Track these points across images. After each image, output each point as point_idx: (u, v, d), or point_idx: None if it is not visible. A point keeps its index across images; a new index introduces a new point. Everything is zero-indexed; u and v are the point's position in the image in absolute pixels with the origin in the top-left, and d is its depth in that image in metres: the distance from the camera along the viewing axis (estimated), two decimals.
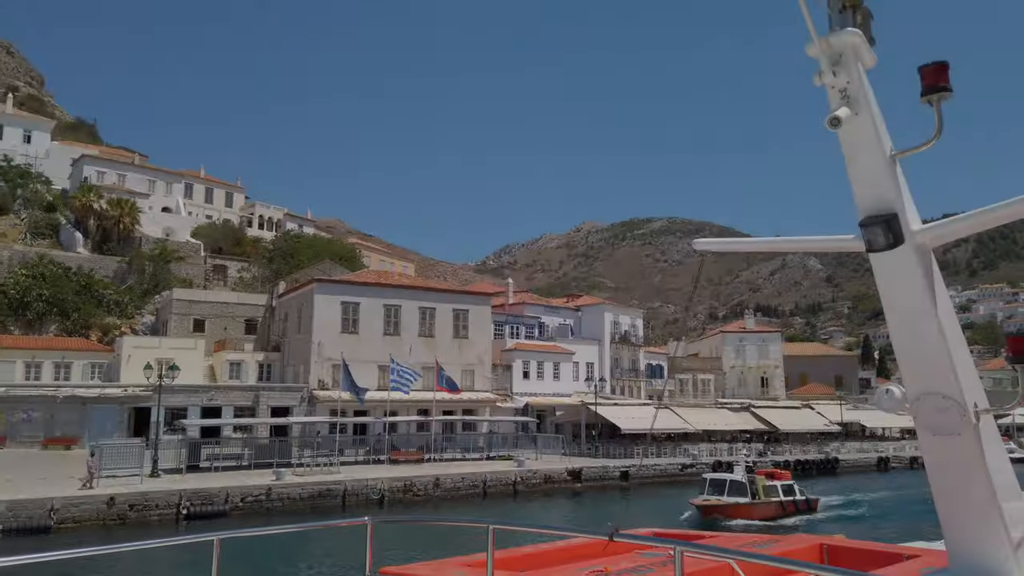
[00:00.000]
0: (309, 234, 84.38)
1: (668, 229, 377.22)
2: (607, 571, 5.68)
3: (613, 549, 6.27)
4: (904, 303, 4.77)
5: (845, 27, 4.51)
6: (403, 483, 37.35)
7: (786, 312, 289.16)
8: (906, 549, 7.30)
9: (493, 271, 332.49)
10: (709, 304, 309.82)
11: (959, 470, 4.79)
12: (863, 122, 4.54)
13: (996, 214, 4.59)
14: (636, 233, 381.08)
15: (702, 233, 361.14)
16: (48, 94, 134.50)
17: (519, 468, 41.49)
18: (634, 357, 70.01)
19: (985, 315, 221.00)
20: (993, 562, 4.79)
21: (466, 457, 46.04)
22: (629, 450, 49.76)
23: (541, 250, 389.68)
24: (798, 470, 51.94)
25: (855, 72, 4.51)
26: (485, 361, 56.14)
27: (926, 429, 4.81)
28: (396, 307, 52.91)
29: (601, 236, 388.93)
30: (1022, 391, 4.81)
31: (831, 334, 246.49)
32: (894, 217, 4.58)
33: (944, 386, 4.67)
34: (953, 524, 4.94)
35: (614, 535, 4.77)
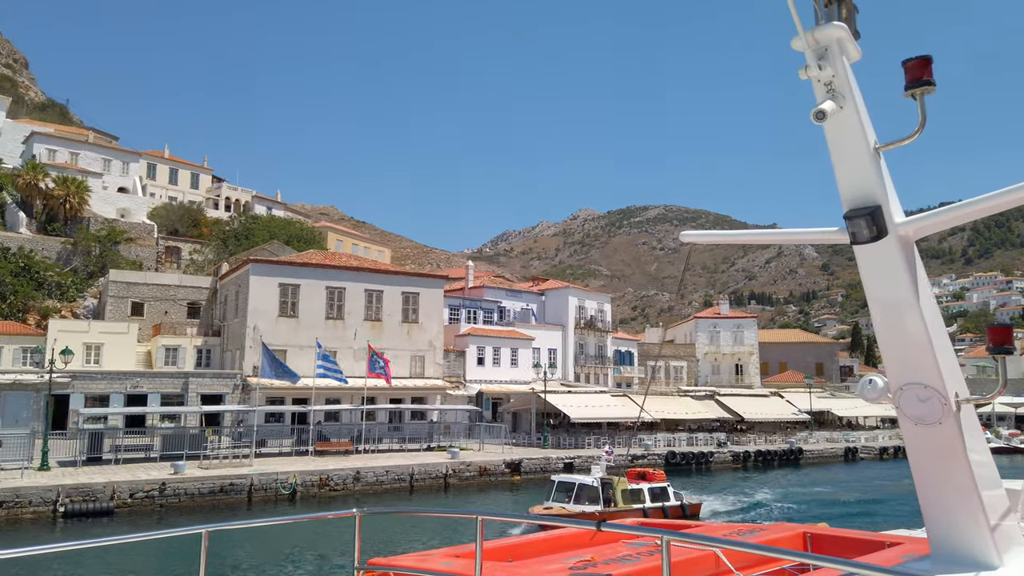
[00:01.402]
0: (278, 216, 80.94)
1: (664, 217, 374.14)
2: (594, 560, 5.64)
3: (600, 539, 6.31)
4: (887, 294, 4.83)
5: (831, 21, 4.46)
6: (319, 477, 34.23)
7: (780, 300, 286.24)
8: (888, 537, 7.16)
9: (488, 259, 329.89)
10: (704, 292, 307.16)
11: (940, 458, 4.89)
12: (848, 115, 4.52)
13: (978, 207, 4.58)
14: (632, 221, 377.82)
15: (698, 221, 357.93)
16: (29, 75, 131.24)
17: (452, 460, 38.36)
18: (601, 343, 66.74)
19: (978, 303, 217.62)
20: (973, 548, 4.85)
21: (404, 448, 42.93)
22: (581, 440, 46.62)
23: (537, 238, 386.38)
24: (758, 461, 48.90)
25: (840, 66, 4.49)
26: (437, 347, 52.92)
27: (908, 418, 4.91)
28: (340, 289, 49.62)
29: (597, 224, 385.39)
30: (1002, 380, 5.01)
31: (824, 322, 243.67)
32: (878, 210, 4.59)
33: (926, 376, 4.74)
34: (934, 511, 5.03)
35: (601, 525, 4.62)
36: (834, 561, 4.09)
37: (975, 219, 4.95)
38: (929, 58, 4.55)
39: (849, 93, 4.48)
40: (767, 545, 5.85)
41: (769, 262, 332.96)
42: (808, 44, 4.45)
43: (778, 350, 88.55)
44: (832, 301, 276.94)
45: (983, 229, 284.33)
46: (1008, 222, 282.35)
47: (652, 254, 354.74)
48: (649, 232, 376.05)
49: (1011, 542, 5.02)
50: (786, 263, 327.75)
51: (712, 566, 5.47)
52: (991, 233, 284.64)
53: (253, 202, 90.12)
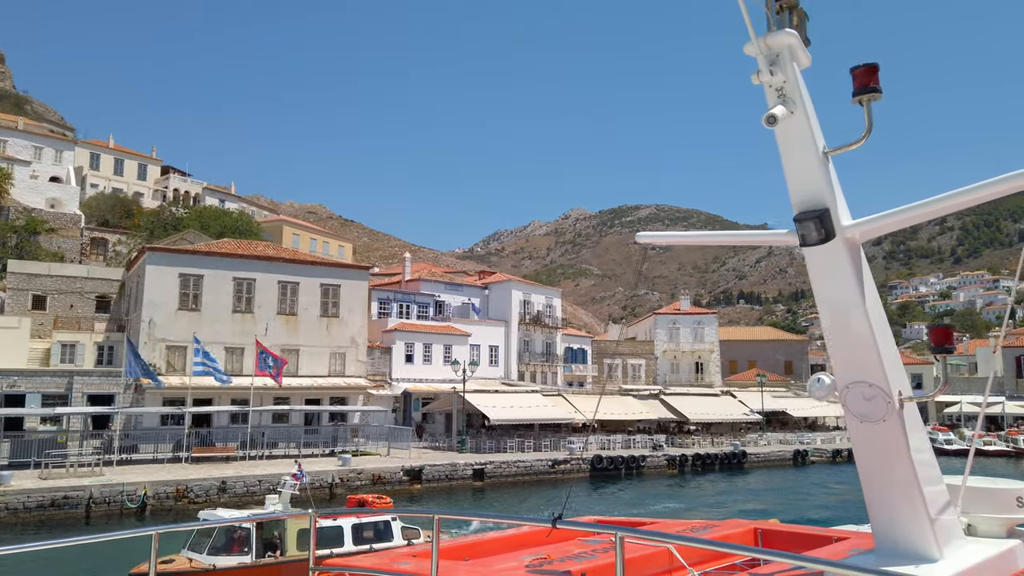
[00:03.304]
0: (212, 206, 76.55)
1: (655, 217, 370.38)
2: (550, 558, 5.59)
3: (556, 536, 6.22)
4: (834, 295, 4.86)
5: (782, 28, 4.49)
6: (176, 487, 29.95)
7: (769, 299, 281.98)
8: (836, 532, 7.12)
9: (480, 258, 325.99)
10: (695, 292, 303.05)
11: (884, 455, 4.95)
12: (798, 120, 4.56)
13: (922, 210, 4.61)
14: (624, 220, 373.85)
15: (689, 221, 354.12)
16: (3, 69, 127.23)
17: (341, 467, 34.06)
18: (549, 340, 62.40)
19: (965, 302, 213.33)
20: (915, 541, 4.95)
21: (300, 454, 38.60)
22: (502, 444, 42.30)
23: (529, 237, 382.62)
24: (697, 466, 44.54)
25: (791, 72, 4.52)
26: (359, 343, 48.59)
27: (854, 416, 4.95)
28: (249, 281, 45.31)
29: (589, 223, 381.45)
30: (943, 379, 6.01)
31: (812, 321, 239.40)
32: (826, 213, 4.63)
33: (871, 375, 4.81)
34: (878, 506, 5.10)
35: (556, 522, 4.64)
36: (783, 555, 4.70)
37: (920, 222, 4.92)
38: (876, 66, 4.62)
39: (799, 98, 4.54)
40: (719, 540, 6.09)
41: (759, 261, 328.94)
42: (760, 50, 4.49)
43: (747, 348, 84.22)
44: None
45: (972, 229, 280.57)
46: (997, 222, 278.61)
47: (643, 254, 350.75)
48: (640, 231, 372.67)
49: (951, 535, 5.13)
50: (776, 263, 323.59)
51: (666, 562, 5.54)
52: (980, 233, 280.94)
53: (204, 194, 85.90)
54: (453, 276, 65.80)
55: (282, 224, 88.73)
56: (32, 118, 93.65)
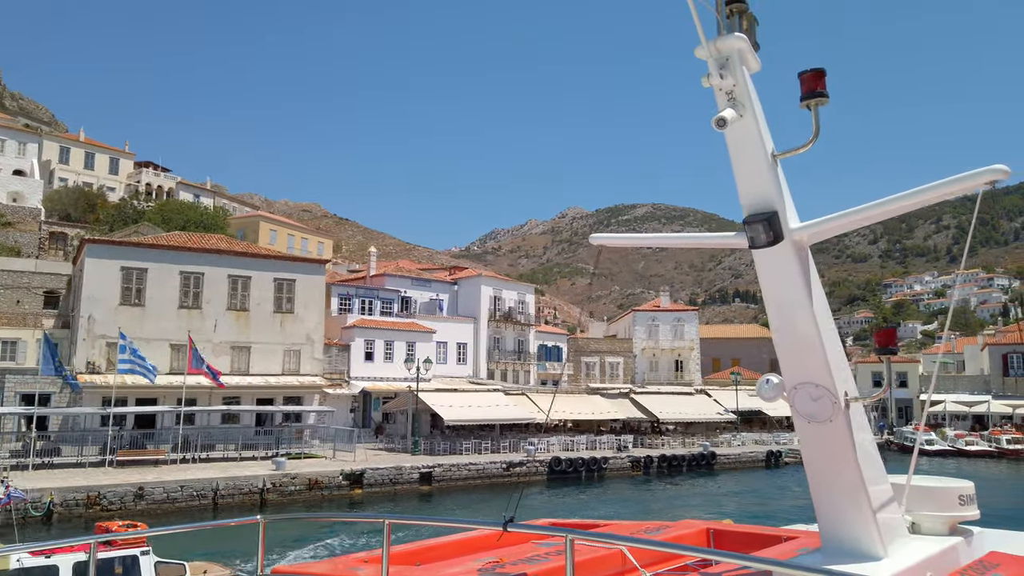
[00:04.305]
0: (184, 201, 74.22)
1: (652, 215, 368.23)
2: (502, 561, 5.54)
3: (509, 539, 6.12)
4: (782, 297, 4.86)
5: (732, 32, 4.51)
6: (88, 494, 27.67)
7: None
8: (786, 531, 7.11)
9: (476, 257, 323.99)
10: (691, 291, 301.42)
11: (830, 455, 4.96)
12: (747, 124, 4.59)
13: (867, 213, 4.65)
14: (620, 219, 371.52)
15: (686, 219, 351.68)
16: None
17: (274, 471, 31.77)
18: (521, 337, 60.08)
19: (959, 301, 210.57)
20: (860, 540, 4.98)
21: (241, 456, 36.32)
22: (457, 445, 40.01)
23: (526, 236, 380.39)
24: (663, 467, 42.22)
25: (740, 75, 4.54)
26: (315, 340, 46.31)
27: (801, 416, 4.96)
28: (197, 275, 43.01)
29: (585, 222, 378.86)
30: (887, 380, 5.64)
31: None
32: (774, 215, 4.63)
33: (817, 376, 4.80)
34: (825, 505, 5.11)
35: (508, 525, 4.40)
36: (732, 556, 4.79)
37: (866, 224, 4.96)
38: (823, 71, 4.68)
39: (749, 102, 4.57)
40: (670, 542, 6.08)
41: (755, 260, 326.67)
42: (710, 53, 4.50)
43: (731, 346, 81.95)
44: None
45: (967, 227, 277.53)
46: (993, 220, 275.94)
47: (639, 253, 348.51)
48: (637, 230, 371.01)
49: (895, 534, 5.20)
50: None
51: (619, 564, 5.55)
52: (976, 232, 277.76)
53: (178, 188, 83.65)
54: (422, 272, 63.47)
55: (259, 220, 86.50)
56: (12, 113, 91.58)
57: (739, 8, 4.59)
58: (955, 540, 5.57)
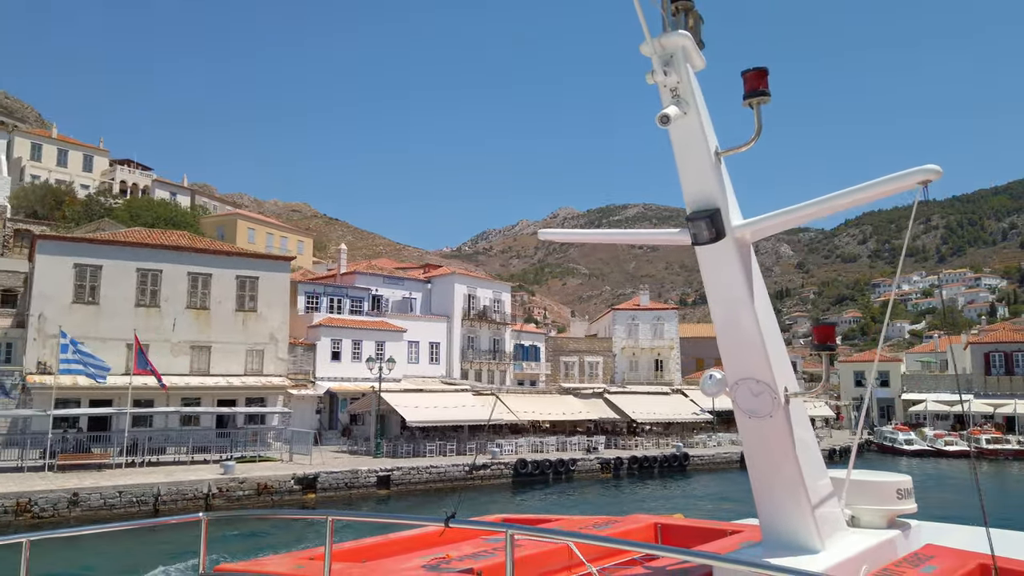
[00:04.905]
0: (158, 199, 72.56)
1: (643, 215, 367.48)
2: (448, 557, 5.50)
3: (456, 536, 6.17)
4: (725, 294, 4.87)
5: (677, 29, 4.48)
6: (17, 500, 26.16)
7: None
8: (731, 525, 7.04)
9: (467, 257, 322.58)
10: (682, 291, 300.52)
11: (770, 450, 5.00)
12: (691, 121, 4.56)
13: (807, 211, 4.68)
14: (612, 220, 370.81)
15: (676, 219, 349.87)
16: None
17: (222, 476, 30.32)
18: (497, 336, 58.73)
19: (947, 299, 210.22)
20: (798, 533, 5.00)
21: (193, 460, 34.83)
22: (420, 448, 38.62)
23: (517, 236, 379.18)
24: (634, 469, 40.89)
25: (685, 73, 4.51)
26: (279, 339, 44.86)
27: (742, 412, 4.97)
28: (155, 272, 41.51)
29: (577, 223, 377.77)
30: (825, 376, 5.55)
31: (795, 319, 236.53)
32: (717, 212, 4.63)
33: (758, 372, 4.83)
34: (765, 499, 5.15)
35: (449, 521, 4.43)
36: (673, 550, 4.53)
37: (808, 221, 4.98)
38: (765, 70, 4.68)
39: (693, 100, 4.54)
40: (614, 537, 6.11)
41: None
42: (654, 50, 4.48)
43: (713, 345, 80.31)
44: (804, 299, 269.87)
45: (956, 227, 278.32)
46: (981, 220, 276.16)
47: (631, 252, 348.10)
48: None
49: (834, 528, 5.26)
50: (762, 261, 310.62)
51: (566, 558, 5.56)
52: (964, 231, 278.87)
53: (154, 186, 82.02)
54: (398, 271, 62.07)
55: (236, 218, 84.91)
56: None
57: (684, 6, 4.56)
58: (892, 533, 5.65)
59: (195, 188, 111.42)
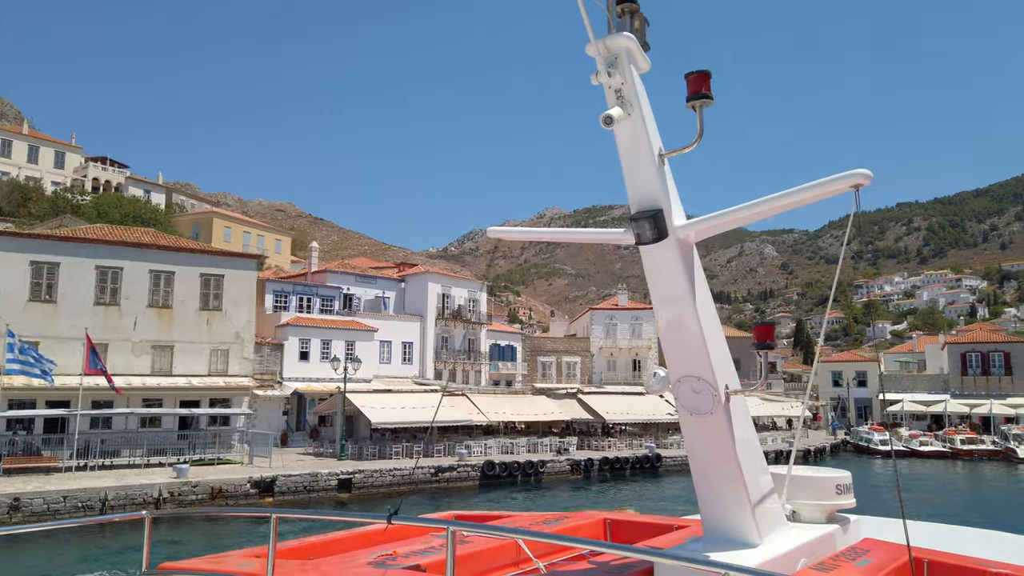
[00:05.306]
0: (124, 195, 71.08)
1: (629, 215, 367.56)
2: (395, 554, 5.49)
3: (404, 533, 6.18)
4: (667, 293, 4.89)
5: (622, 31, 4.51)
6: None
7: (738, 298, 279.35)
8: (680, 520, 7.13)
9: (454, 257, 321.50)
10: None
11: (712, 446, 5.05)
12: (635, 122, 4.59)
13: (746, 212, 4.74)
14: (598, 220, 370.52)
15: None
16: None
17: (174, 479, 29.23)
18: (472, 336, 57.80)
19: (928, 301, 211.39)
20: (737, 528, 5.08)
21: (148, 463, 33.68)
22: (387, 449, 37.65)
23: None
24: (605, 470, 40.11)
25: (628, 74, 4.53)
26: (245, 339, 43.73)
27: (684, 409, 5.02)
28: (115, 270, 40.30)
29: (564, 223, 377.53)
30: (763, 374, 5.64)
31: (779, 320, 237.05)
32: (659, 213, 4.66)
33: (699, 370, 4.88)
34: (706, 495, 5.23)
35: (391, 518, 4.41)
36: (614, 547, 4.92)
37: (747, 223, 5.00)
38: (708, 73, 4.70)
39: (637, 101, 4.55)
40: (564, 534, 6.14)
41: (730, 261, 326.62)
42: (599, 51, 4.49)
43: None
44: (788, 299, 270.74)
45: (938, 229, 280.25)
46: (962, 222, 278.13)
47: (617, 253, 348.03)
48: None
49: (773, 523, 5.32)
50: (746, 262, 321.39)
51: (515, 554, 5.60)
52: (945, 233, 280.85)
53: (127, 184, 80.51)
54: (373, 269, 61.01)
55: (212, 216, 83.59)
56: None
57: (630, 8, 4.58)
58: (831, 527, 5.74)
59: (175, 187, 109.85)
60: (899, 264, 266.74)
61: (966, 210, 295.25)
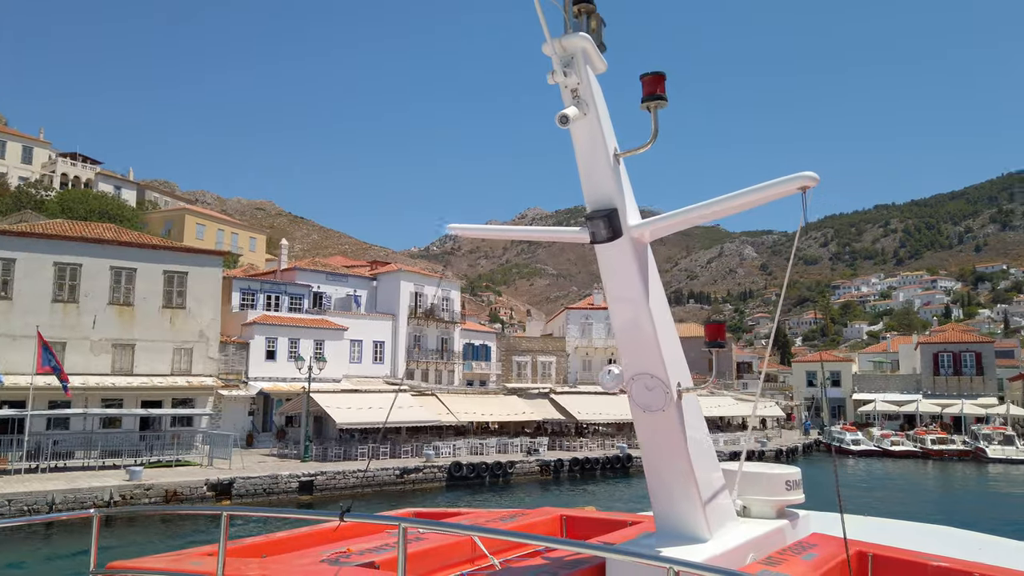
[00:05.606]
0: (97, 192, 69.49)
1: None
2: (349, 551, 5.41)
3: (357, 531, 6.16)
4: (621, 292, 4.92)
5: (578, 31, 4.52)
6: None
7: (718, 299, 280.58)
8: (634, 516, 7.17)
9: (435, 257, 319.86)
10: None
11: (664, 443, 5.10)
12: (591, 122, 4.61)
13: (698, 213, 4.76)
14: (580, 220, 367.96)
15: None
16: None
17: (126, 482, 28.23)
18: (445, 336, 57.02)
19: (904, 302, 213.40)
20: (688, 524, 5.16)
21: (104, 465, 32.60)
22: (351, 450, 36.81)
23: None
24: (575, 471, 39.56)
25: (584, 74, 4.55)
26: (210, 337, 42.69)
27: (637, 406, 5.07)
28: (74, 266, 39.13)
29: (545, 223, 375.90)
30: (715, 372, 5.48)
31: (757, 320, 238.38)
32: (614, 212, 4.70)
33: (652, 367, 4.93)
34: (658, 491, 5.28)
35: (344, 515, 4.30)
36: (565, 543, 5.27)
37: (700, 223, 5.00)
38: (663, 75, 4.73)
39: (592, 101, 4.57)
40: (518, 531, 6.10)
41: (710, 262, 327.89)
42: (555, 51, 4.48)
43: None
44: (767, 300, 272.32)
45: (914, 231, 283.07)
46: (938, 224, 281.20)
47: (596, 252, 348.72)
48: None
49: (724, 518, 5.40)
50: (726, 263, 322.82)
51: (470, 551, 5.66)
52: (921, 235, 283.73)
53: (97, 179, 78.85)
54: (347, 268, 60.05)
55: (184, 213, 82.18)
56: None
57: (587, 8, 4.59)
58: (781, 523, 5.82)
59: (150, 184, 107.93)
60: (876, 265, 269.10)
61: (942, 212, 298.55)
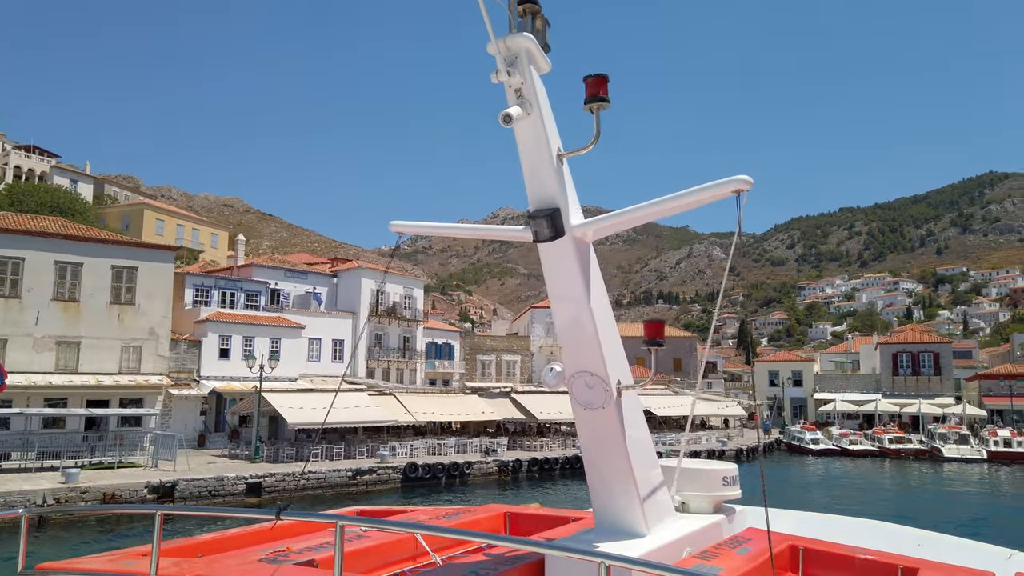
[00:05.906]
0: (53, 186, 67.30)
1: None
2: (288, 550, 5.37)
3: (298, 530, 6.06)
4: (563, 290, 4.95)
5: (523, 32, 4.53)
6: None
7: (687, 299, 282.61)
8: (577, 513, 7.15)
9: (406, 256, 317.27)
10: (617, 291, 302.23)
11: (603, 440, 5.18)
12: (534, 122, 4.62)
13: (638, 214, 4.80)
14: None
15: None
16: None
17: (62, 485, 26.95)
18: (407, 334, 56.07)
19: (867, 303, 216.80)
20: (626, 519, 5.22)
21: (43, 466, 31.21)
22: (304, 451, 35.77)
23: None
24: (534, 471, 38.98)
25: (528, 74, 4.56)
26: (161, 335, 41.31)
27: (578, 403, 5.12)
28: (16, 261, 37.52)
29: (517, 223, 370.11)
30: (653, 369, 5.52)
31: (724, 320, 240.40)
32: (557, 212, 4.72)
33: (593, 365, 4.98)
34: (597, 487, 5.37)
35: (280, 514, 4.23)
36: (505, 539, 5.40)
37: (641, 223, 5.01)
38: (606, 77, 4.78)
39: (536, 101, 4.57)
40: (461, 528, 6.18)
41: (679, 263, 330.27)
42: (499, 50, 4.50)
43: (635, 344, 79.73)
44: (734, 300, 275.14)
45: (877, 234, 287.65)
46: (901, 227, 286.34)
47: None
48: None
49: (662, 514, 5.48)
50: (695, 264, 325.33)
51: (413, 548, 5.66)
52: (885, 238, 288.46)
53: (52, 173, 76.44)
54: (307, 264, 58.78)
55: (143, 208, 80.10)
56: None
57: (532, 9, 4.59)
58: (717, 518, 5.98)
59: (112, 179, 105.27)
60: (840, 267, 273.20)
61: (905, 216, 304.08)
